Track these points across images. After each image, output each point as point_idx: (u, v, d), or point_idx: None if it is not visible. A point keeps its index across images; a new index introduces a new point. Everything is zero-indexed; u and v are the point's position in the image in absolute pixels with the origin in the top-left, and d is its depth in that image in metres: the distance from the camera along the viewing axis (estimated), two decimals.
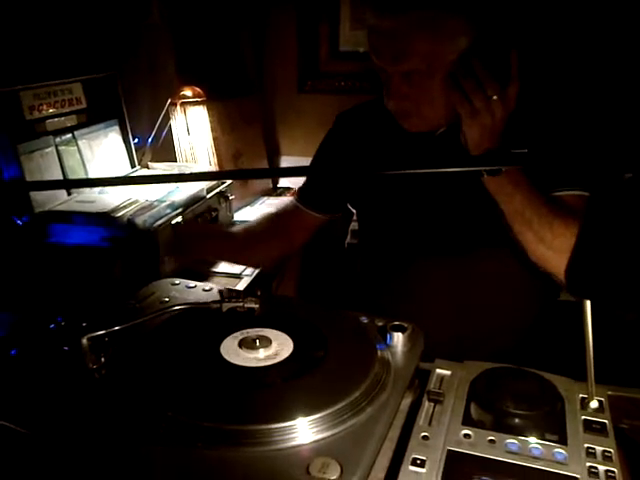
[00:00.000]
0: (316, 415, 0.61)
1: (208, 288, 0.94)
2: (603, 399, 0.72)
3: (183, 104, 1.85)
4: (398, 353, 0.75)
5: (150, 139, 1.82)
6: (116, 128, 1.70)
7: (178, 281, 0.97)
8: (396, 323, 0.78)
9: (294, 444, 0.58)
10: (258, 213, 1.75)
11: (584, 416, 0.69)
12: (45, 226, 1.37)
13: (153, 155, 1.84)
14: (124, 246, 1.19)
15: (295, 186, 1.89)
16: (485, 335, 1.07)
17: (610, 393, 0.74)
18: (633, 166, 0.46)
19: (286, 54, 2.18)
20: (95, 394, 0.66)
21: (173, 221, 1.40)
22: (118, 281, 1.03)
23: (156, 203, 1.43)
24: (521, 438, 0.65)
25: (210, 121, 1.88)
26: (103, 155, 1.63)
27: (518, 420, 0.67)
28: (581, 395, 0.72)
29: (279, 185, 2.27)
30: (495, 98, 0.90)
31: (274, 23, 2.16)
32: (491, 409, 0.68)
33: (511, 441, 0.65)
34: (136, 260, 1.13)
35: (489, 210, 0.97)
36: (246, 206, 1.99)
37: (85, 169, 1.56)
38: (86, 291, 0.95)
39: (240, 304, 0.77)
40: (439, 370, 0.78)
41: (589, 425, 0.68)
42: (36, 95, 1.42)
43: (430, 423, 0.68)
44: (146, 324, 0.74)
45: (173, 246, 1.19)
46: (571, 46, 1.74)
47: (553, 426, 0.67)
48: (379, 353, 0.73)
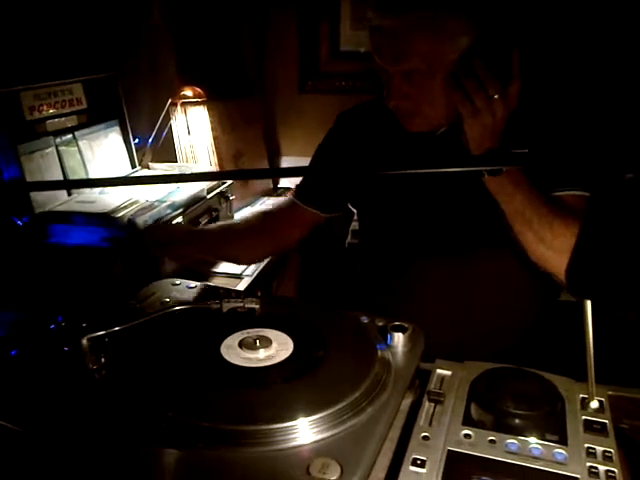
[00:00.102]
0: (316, 415, 0.61)
1: (193, 286, 0.95)
2: (603, 399, 0.72)
3: (183, 104, 1.85)
4: (398, 353, 0.75)
5: (150, 139, 1.82)
6: (116, 128, 1.70)
7: (178, 281, 0.97)
8: (396, 323, 0.78)
9: (294, 444, 0.58)
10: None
11: (584, 416, 0.69)
12: (45, 226, 1.37)
13: (153, 155, 1.84)
14: (124, 246, 1.19)
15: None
16: (485, 335, 1.07)
17: (610, 393, 0.74)
18: (634, 166, 0.46)
19: (287, 54, 2.18)
20: (95, 394, 0.66)
21: (173, 221, 1.40)
22: (118, 281, 1.03)
23: (156, 203, 1.43)
24: (521, 438, 0.65)
25: (210, 121, 1.88)
26: (103, 155, 1.63)
27: (518, 420, 0.67)
28: (581, 395, 0.72)
29: (279, 185, 2.27)
30: (496, 97, 0.90)
31: (274, 23, 2.16)
32: (491, 409, 0.68)
33: (511, 441, 0.65)
34: (136, 261, 1.12)
35: (490, 210, 0.97)
36: (246, 206, 1.99)
37: (85, 169, 1.56)
38: (86, 291, 0.95)
39: (240, 304, 0.77)
40: (439, 370, 0.78)
41: (589, 425, 0.68)
42: (36, 95, 1.42)
43: (430, 423, 0.68)
44: (146, 324, 0.74)
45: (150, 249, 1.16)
46: (572, 46, 1.74)
47: (553, 426, 0.67)
48: (379, 353, 0.73)
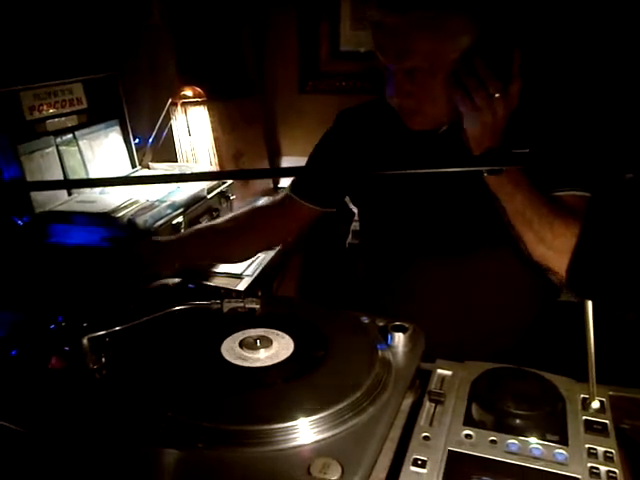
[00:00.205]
0: (317, 415, 0.61)
1: (193, 286, 0.95)
2: (604, 399, 0.72)
3: (184, 104, 1.84)
4: (399, 353, 0.75)
5: (151, 139, 1.82)
6: (117, 128, 1.70)
7: (179, 281, 0.97)
8: (397, 323, 0.78)
9: (295, 444, 0.58)
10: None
11: (585, 416, 0.69)
12: (46, 226, 1.37)
13: (154, 155, 1.84)
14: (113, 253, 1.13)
15: None
16: (486, 335, 1.07)
17: (611, 393, 0.74)
18: (634, 166, 0.46)
19: (287, 54, 2.18)
20: (95, 394, 0.66)
21: (174, 221, 1.40)
22: (118, 283, 1.01)
23: (157, 203, 1.43)
24: (522, 438, 0.65)
25: (211, 121, 1.88)
26: (104, 155, 1.63)
27: (519, 420, 0.67)
28: (582, 395, 0.72)
29: (280, 185, 2.27)
30: (497, 96, 0.90)
31: (275, 23, 2.16)
32: (492, 409, 0.68)
33: (512, 441, 0.64)
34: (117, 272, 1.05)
35: (490, 210, 0.97)
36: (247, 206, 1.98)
37: (86, 169, 1.56)
38: (87, 291, 0.95)
39: (241, 304, 0.77)
40: (440, 370, 0.78)
41: (590, 425, 0.68)
42: (36, 95, 1.42)
43: (431, 423, 0.68)
44: (147, 324, 0.74)
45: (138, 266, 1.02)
46: (573, 46, 1.74)
47: (554, 426, 0.67)
48: (380, 353, 0.73)
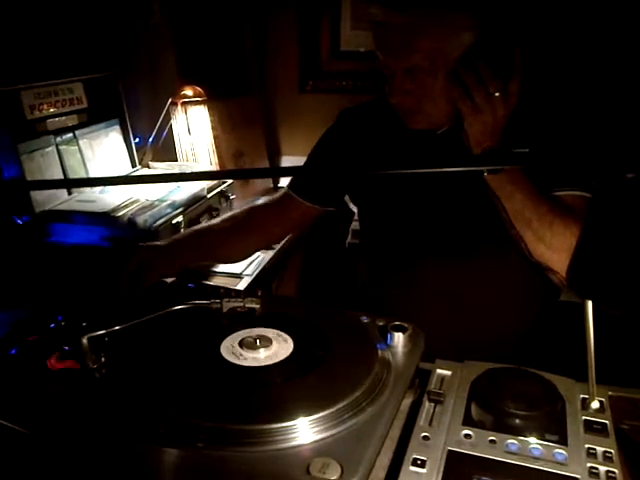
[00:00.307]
0: (316, 415, 0.61)
1: (193, 285, 0.95)
2: (604, 399, 0.72)
3: (184, 104, 1.84)
4: (399, 353, 0.75)
5: (151, 139, 1.82)
6: (117, 128, 1.70)
7: (178, 281, 0.97)
8: (397, 323, 0.78)
9: (294, 444, 0.58)
10: None
11: (585, 416, 0.69)
12: (45, 225, 1.37)
13: (154, 155, 1.84)
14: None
15: None
16: (485, 335, 1.07)
17: (611, 394, 0.74)
18: (635, 166, 0.46)
19: (287, 54, 2.18)
20: (95, 393, 0.66)
21: (174, 221, 1.40)
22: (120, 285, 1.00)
23: (157, 202, 1.43)
24: (522, 438, 0.65)
25: (211, 121, 1.88)
26: (104, 155, 1.63)
27: (519, 420, 0.67)
28: (582, 395, 0.72)
29: (280, 185, 2.27)
30: (497, 95, 0.90)
31: (275, 23, 2.16)
32: (491, 409, 0.68)
33: (512, 441, 0.64)
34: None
35: (490, 210, 0.97)
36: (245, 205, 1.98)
37: (86, 169, 1.56)
38: (86, 291, 0.94)
39: (241, 304, 0.77)
40: (439, 370, 0.78)
41: (590, 426, 0.68)
42: (37, 94, 1.42)
43: (430, 423, 0.68)
44: (146, 324, 0.74)
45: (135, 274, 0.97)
46: (574, 45, 1.74)
47: (554, 426, 0.67)
48: (380, 353, 0.73)
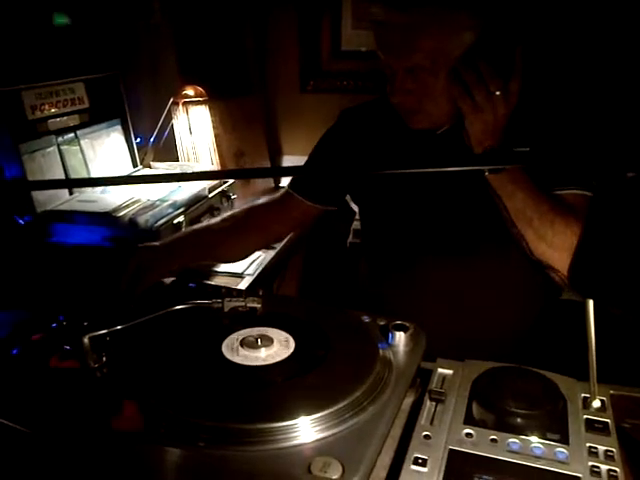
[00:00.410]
0: (318, 414, 0.61)
1: (194, 285, 0.95)
2: (605, 398, 0.72)
3: (185, 103, 1.84)
4: (400, 352, 0.75)
5: (152, 139, 1.82)
6: (118, 128, 1.70)
7: (180, 280, 0.97)
8: (398, 322, 0.78)
9: (295, 443, 0.58)
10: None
11: (586, 415, 0.69)
12: (47, 226, 1.37)
13: (155, 155, 1.84)
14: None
15: None
16: (487, 334, 1.07)
17: (612, 392, 0.74)
18: (636, 165, 0.46)
19: (288, 53, 2.18)
20: (96, 393, 0.66)
21: (175, 220, 1.40)
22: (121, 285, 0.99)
23: (158, 202, 1.44)
24: (523, 437, 0.65)
25: (212, 120, 1.88)
26: (105, 155, 1.64)
27: (520, 419, 0.67)
28: (583, 394, 0.72)
29: (281, 185, 2.27)
30: (497, 94, 0.90)
31: (276, 22, 2.16)
32: (493, 408, 0.68)
33: (513, 440, 0.64)
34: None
35: (491, 209, 0.97)
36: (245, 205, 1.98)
37: (87, 169, 1.57)
38: (88, 291, 0.95)
39: (242, 303, 0.77)
40: (441, 369, 0.78)
41: (591, 424, 0.68)
42: (38, 95, 1.42)
43: (432, 422, 0.68)
44: (148, 323, 0.74)
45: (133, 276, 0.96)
46: (574, 45, 1.73)
47: (555, 425, 0.67)
48: (381, 352, 0.73)
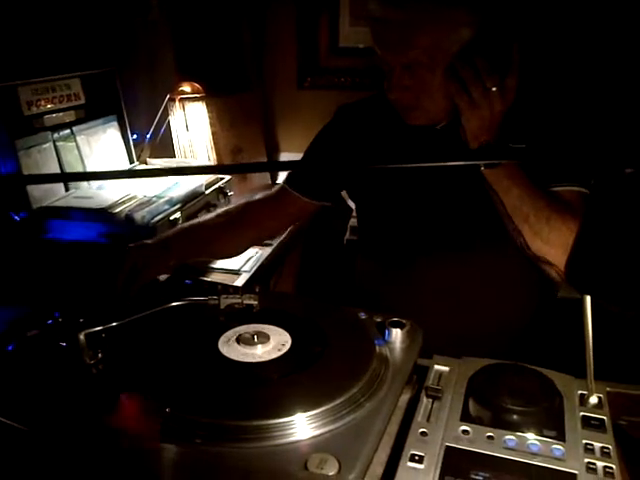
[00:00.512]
0: (314, 411, 0.61)
1: (190, 281, 0.94)
2: (602, 396, 0.72)
3: (182, 100, 1.84)
4: (396, 349, 0.75)
5: (149, 135, 1.82)
6: (115, 124, 1.70)
7: (176, 277, 0.96)
8: (394, 319, 0.78)
9: (292, 440, 0.58)
10: None
11: (582, 412, 0.69)
12: (43, 222, 1.36)
13: (152, 151, 1.84)
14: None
15: None
16: (484, 331, 1.07)
17: (609, 390, 0.74)
18: (634, 161, 0.46)
19: (285, 50, 2.17)
20: (92, 390, 0.66)
21: (171, 217, 1.40)
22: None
23: (154, 199, 1.43)
24: (519, 434, 0.65)
25: (209, 117, 1.87)
26: (101, 151, 1.63)
27: (516, 416, 0.67)
28: (580, 391, 0.72)
29: (278, 181, 2.27)
30: (494, 90, 0.90)
31: (273, 19, 2.15)
32: (489, 405, 0.68)
33: (509, 437, 0.64)
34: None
35: (488, 205, 0.96)
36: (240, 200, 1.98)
37: (83, 165, 1.56)
38: (84, 288, 0.94)
39: (239, 300, 0.77)
40: (437, 366, 0.78)
41: (587, 421, 0.68)
42: (34, 90, 1.41)
43: (428, 419, 0.68)
44: (144, 320, 0.74)
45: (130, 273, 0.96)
46: (571, 41, 1.73)
47: (551, 422, 0.67)
48: (377, 349, 0.73)
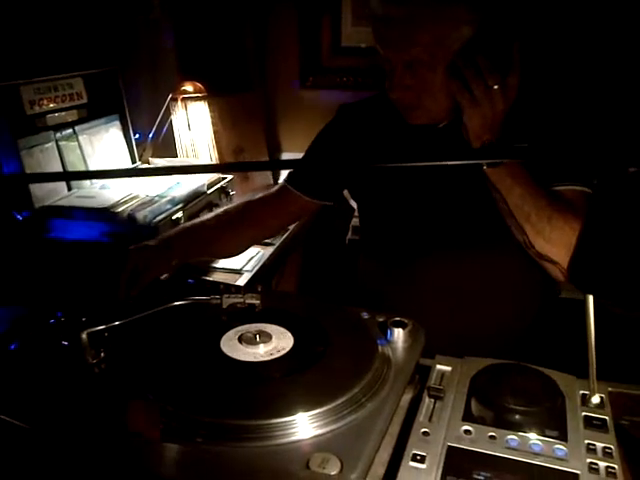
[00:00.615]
0: (316, 410, 0.61)
1: (192, 281, 0.94)
2: (604, 395, 0.72)
3: (184, 99, 1.84)
4: (398, 349, 0.75)
5: (151, 134, 1.82)
6: (117, 123, 1.70)
7: (179, 277, 0.97)
8: (397, 319, 0.78)
9: (294, 439, 0.58)
10: None
11: (585, 412, 0.69)
12: (45, 221, 1.37)
13: (154, 151, 1.84)
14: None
15: None
16: (486, 331, 1.07)
17: (611, 390, 0.74)
18: (637, 160, 0.46)
19: (288, 50, 2.17)
20: (94, 389, 0.66)
21: (174, 217, 1.40)
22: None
23: (157, 198, 1.43)
24: (521, 434, 0.65)
25: (211, 116, 1.87)
26: (104, 150, 1.63)
27: (518, 416, 0.67)
28: (582, 391, 0.72)
29: (280, 181, 2.27)
30: (496, 88, 0.90)
31: (276, 18, 2.15)
32: (491, 405, 0.68)
33: (511, 437, 0.64)
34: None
35: (490, 204, 0.96)
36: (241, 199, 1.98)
37: (86, 164, 1.56)
38: (86, 287, 0.94)
39: (241, 300, 0.77)
40: (439, 366, 0.78)
41: (590, 421, 0.68)
42: (37, 90, 1.42)
43: (430, 419, 0.68)
44: (146, 319, 0.74)
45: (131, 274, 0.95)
46: (573, 39, 1.73)
47: (553, 422, 0.67)
48: (379, 349, 0.73)
